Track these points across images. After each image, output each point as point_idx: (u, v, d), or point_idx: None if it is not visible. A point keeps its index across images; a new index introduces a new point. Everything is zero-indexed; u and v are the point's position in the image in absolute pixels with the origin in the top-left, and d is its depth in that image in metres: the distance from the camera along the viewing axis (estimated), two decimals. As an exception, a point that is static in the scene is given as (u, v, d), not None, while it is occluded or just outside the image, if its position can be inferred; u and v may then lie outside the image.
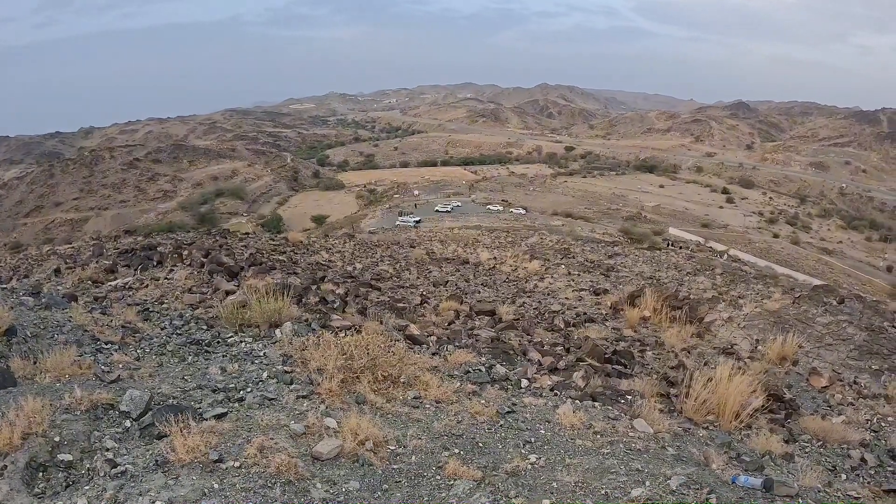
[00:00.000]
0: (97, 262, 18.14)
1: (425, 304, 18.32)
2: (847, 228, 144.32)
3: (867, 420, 11.05)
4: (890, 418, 11.24)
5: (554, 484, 5.90)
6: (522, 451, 6.59)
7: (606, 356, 12.41)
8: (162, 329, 10.06)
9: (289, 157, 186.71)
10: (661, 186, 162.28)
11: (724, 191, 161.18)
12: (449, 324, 15.13)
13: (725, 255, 71.18)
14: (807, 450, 8.65)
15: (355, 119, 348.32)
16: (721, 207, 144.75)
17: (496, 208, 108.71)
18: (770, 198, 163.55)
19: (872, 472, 8.24)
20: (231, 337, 9.70)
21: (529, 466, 6.21)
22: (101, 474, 5.12)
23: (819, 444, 8.98)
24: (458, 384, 8.51)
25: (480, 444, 6.65)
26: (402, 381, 8.00)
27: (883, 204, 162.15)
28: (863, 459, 8.58)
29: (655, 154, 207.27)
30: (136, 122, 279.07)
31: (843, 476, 7.84)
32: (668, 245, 64.44)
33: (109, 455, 5.36)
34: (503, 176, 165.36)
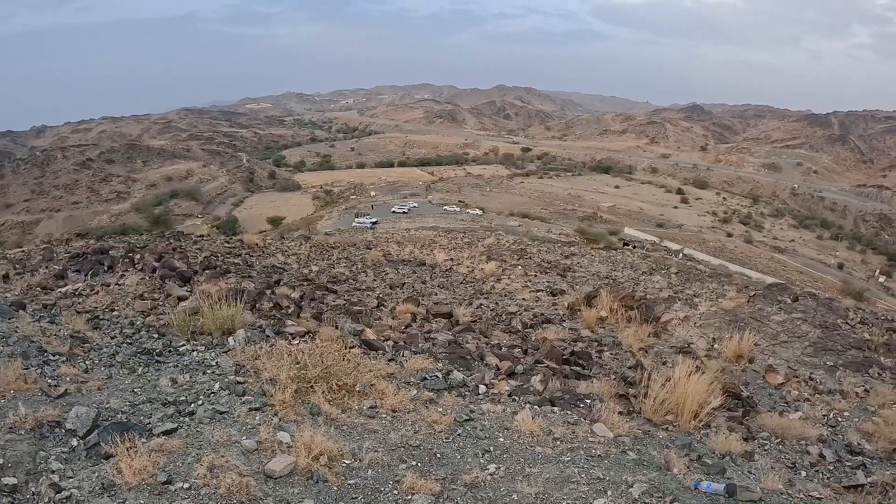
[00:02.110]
0: (47, 267, 17.73)
1: (382, 307, 18.17)
2: (799, 227, 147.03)
3: (824, 416, 11.16)
4: (846, 413, 11.37)
5: (514, 496, 5.77)
6: (481, 460, 6.45)
7: (564, 357, 12.36)
8: (112, 338, 9.77)
9: (244, 158, 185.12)
10: (617, 187, 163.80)
11: (679, 191, 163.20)
12: (406, 327, 14.98)
13: (680, 254, 71.89)
14: (766, 447, 8.66)
15: (312, 119, 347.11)
16: (676, 208, 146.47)
17: (453, 209, 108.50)
18: (724, 198, 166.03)
19: (832, 468, 8.27)
20: (183, 346, 9.45)
21: (489, 477, 6.07)
22: (46, 499, 4.87)
23: (778, 441, 9.01)
24: (415, 392, 8.30)
25: (438, 455, 6.48)
26: (357, 389, 7.76)
27: (834, 204, 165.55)
28: (821, 455, 8.62)
29: (611, 155, 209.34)
30: (90, 120, 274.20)
31: (804, 473, 7.84)
32: (623, 245, 64.85)
33: (55, 478, 5.09)
34: (460, 177, 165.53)
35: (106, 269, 16.39)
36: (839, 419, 11.12)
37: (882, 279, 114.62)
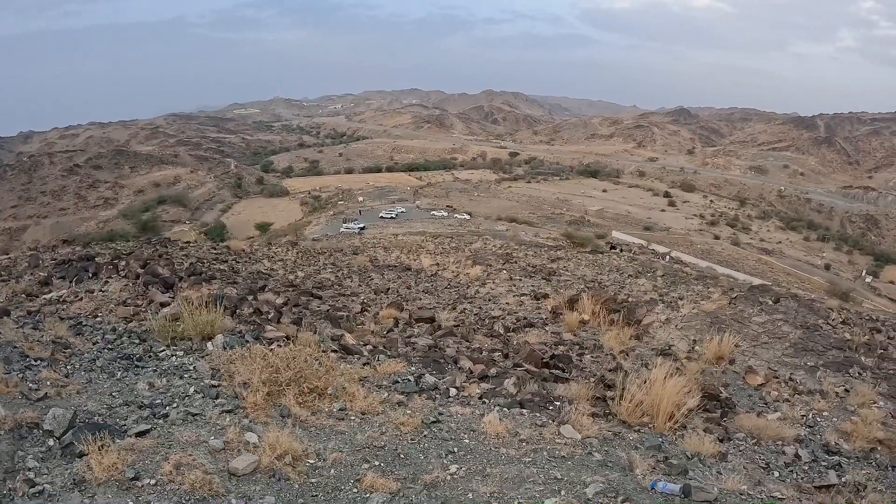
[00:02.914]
0: (32, 274, 17.66)
1: (365, 312, 18.14)
2: (786, 229, 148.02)
3: (803, 416, 11.18)
4: (825, 413, 11.40)
5: (469, 495, 5.85)
6: (444, 461, 6.52)
7: (544, 361, 12.36)
8: (94, 344, 9.76)
9: (232, 164, 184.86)
10: (605, 191, 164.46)
11: (666, 194, 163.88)
12: (388, 332, 14.96)
13: (668, 256, 72.03)
14: (741, 448, 8.65)
15: (300, 125, 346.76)
16: (663, 211, 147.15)
17: (441, 214, 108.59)
18: (711, 201, 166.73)
19: (806, 468, 8.25)
20: (163, 351, 9.47)
21: (448, 477, 6.14)
22: (20, 494, 5.01)
23: (753, 442, 9.00)
24: (386, 395, 8.36)
25: (402, 456, 6.56)
26: (329, 392, 7.84)
27: (820, 205, 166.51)
28: (797, 456, 8.61)
29: (599, 159, 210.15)
30: (77, 126, 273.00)
31: (776, 473, 7.84)
32: (610, 248, 64.93)
33: (31, 475, 5.26)
34: (448, 181, 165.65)
35: (90, 275, 16.32)
36: (818, 419, 11.15)
37: (869, 279, 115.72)
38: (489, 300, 23.19)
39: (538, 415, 8.37)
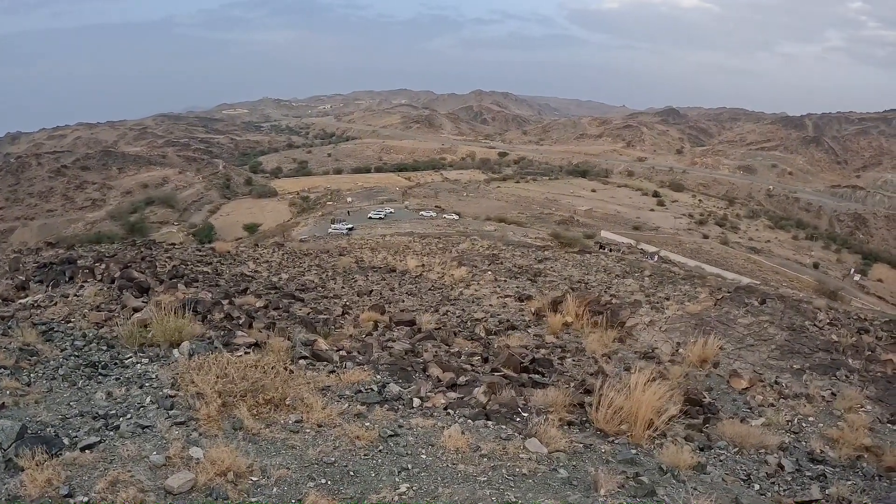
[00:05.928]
0: (11, 278, 17.35)
1: (346, 315, 17.90)
2: (774, 228, 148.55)
3: (788, 421, 10.99)
4: (811, 418, 11.22)
5: (413, 519, 5.58)
6: (396, 479, 6.17)
7: (523, 365, 12.10)
8: (62, 351, 9.52)
9: (221, 164, 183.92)
10: (594, 191, 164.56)
11: (655, 194, 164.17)
12: (366, 335, 14.69)
13: (656, 256, 71.83)
14: (721, 458, 8.38)
15: (289, 125, 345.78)
16: (652, 210, 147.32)
17: (429, 214, 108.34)
18: (700, 200, 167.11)
19: (789, 479, 8.00)
20: (129, 358, 9.19)
21: (396, 497, 5.81)
22: (-46, 511, 4.91)
23: (735, 450, 8.75)
24: (346, 405, 8.00)
25: (352, 473, 6.22)
26: (286, 403, 7.52)
27: (808, 204, 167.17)
28: (780, 465, 8.37)
29: (588, 159, 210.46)
30: (65, 127, 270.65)
31: (757, 486, 7.57)
32: (599, 248, 64.65)
33: None
34: (437, 182, 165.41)
35: (67, 279, 16.03)
36: (803, 425, 10.95)
37: (857, 277, 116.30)
38: (473, 302, 22.94)
39: (504, 427, 7.99)
